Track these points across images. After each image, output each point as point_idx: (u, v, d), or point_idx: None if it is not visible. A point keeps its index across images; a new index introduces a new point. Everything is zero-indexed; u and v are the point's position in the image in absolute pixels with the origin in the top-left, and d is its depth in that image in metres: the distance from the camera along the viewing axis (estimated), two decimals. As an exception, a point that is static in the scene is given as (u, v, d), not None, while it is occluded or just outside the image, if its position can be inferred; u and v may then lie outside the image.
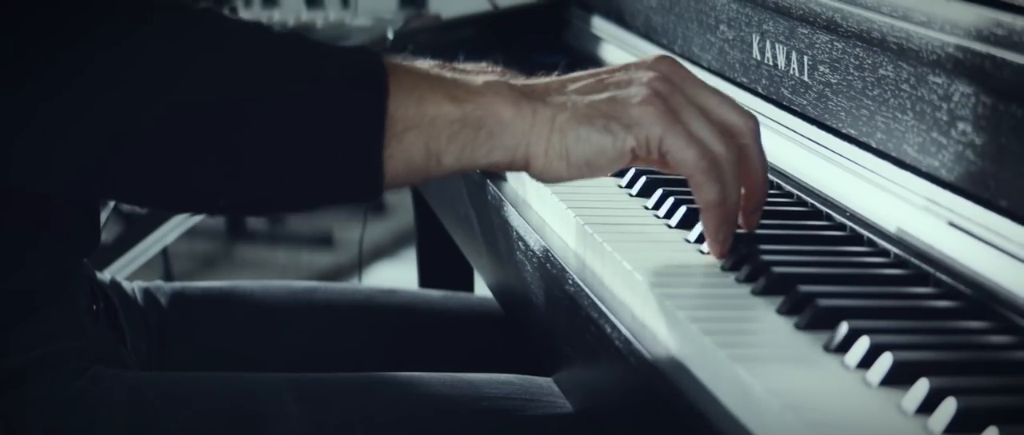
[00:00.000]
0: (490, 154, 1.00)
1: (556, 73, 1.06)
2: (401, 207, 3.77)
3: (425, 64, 1.03)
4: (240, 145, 0.96)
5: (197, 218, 2.28)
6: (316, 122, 0.96)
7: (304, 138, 0.96)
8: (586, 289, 1.03)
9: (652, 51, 1.56)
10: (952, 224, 1.00)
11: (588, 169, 1.00)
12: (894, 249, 1.04)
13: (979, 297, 0.94)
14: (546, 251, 1.11)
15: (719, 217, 1.01)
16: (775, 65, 1.28)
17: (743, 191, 1.03)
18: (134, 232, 2.19)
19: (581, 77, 1.03)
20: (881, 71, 1.10)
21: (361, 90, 0.97)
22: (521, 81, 1.03)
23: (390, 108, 0.97)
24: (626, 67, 1.04)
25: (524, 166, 1.00)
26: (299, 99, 0.97)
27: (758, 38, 1.31)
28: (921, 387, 0.80)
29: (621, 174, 1.24)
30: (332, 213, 3.79)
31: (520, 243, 1.16)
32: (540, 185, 1.17)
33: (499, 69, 1.06)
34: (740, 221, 1.05)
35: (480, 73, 1.03)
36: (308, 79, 0.97)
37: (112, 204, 2.05)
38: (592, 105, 1.00)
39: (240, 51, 0.97)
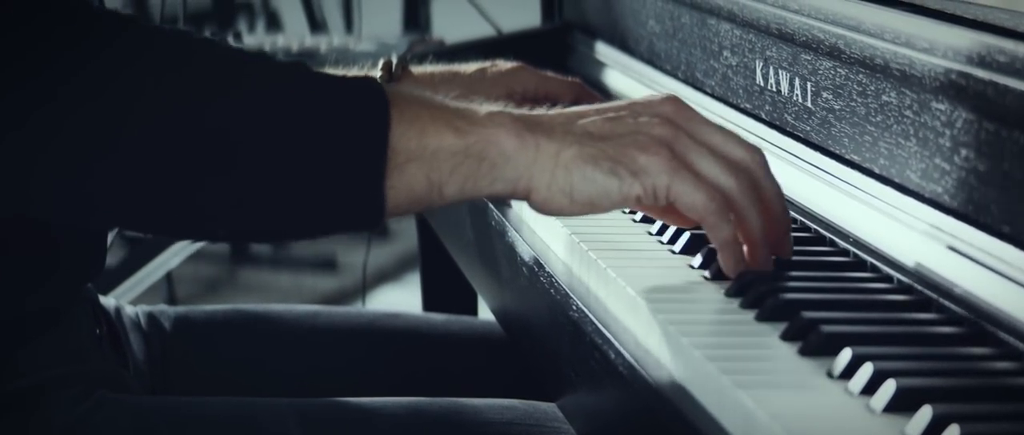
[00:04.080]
0: (492, 185, 1.00)
1: (560, 106, 1.06)
2: (405, 231, 3.77)
3: (428, 92, 1.03)
4: (239, 172, 0.96)
5: (200, 243, 2.28)
6: (318, 153, 0.97)
7: (306, 168, 0.97)
8: (590, 314, 1.03)
9: (655, 77, 1.56)
10: (955, 250, 1.00)
11: (590, 208, 1.01)
12: (897, 275, 1.04)
13: (982, 323, 0.94)
14: (550, 276, 1.11)
15: (737, 254, 1.02)
16: (778, 91, 1.28)
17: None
18: (138, 256, 2.19)
19: (587, 113, 1.04)
20: (884, 97, 1.11)
21: (363, 122, 0.97)
22: (525, 112, 1.03)
23: (392, 140, 0.97)
24: (632, 106, 1.04)
25: (525, 197, 1.01)
26: (300, 129, 0.97)
27: (761, 64, 1.31)
28: (925, 414, 0.80)
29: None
30: (335, 237, 3.78)
31: (523, 268, 1.16)
32: (544, 210, 1.17)
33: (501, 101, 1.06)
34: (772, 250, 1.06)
35: (484, 102, 1.03)
36: (310, 109, 0.97)
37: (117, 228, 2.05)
38: (600, 148, 1.00)
39: (243, 79, 0.97)
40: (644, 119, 1.02)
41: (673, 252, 1.13)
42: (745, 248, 1.03)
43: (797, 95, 1.24)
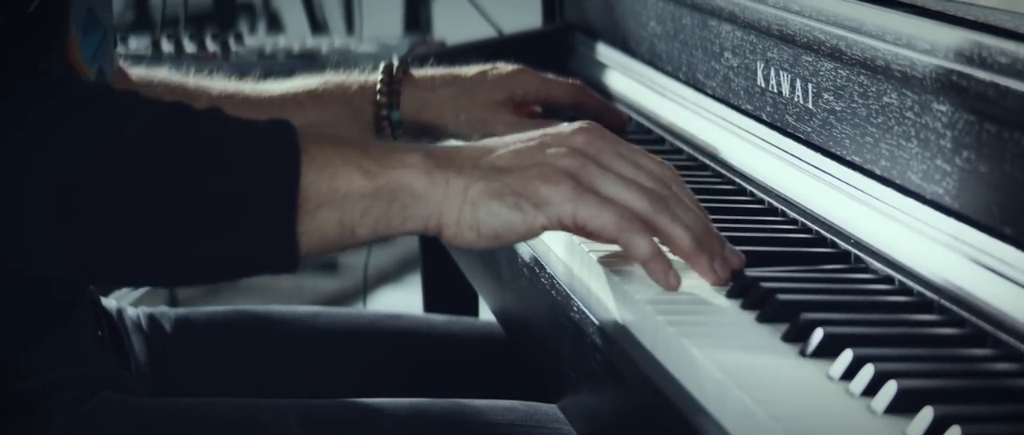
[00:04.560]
0: (404, 224, 1.01)
1: (477, 135, 1.07)
2: (406, 232, 3.76)
3: (341, 131, 1.04)
4: (155, 219, 0.98)
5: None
6: (230, 201, 0.98)
7: (218, 215, 0.98)
8: (591, 316, 1.03)
9: (656, 78, 1.56)
10: (956, 251, 1.00)
11: (497, 241, 1.02)
12: (898, 276, 1.04)
13: (984, 325, 0.94)
14: (551, 277, 1.12)
15: (662, 268, 1.02)
16: (780, 92, 1.28)
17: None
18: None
19: (498, 146, 1.04)
20: (885, 99, 1.11)
21: (274, 170, 0.99)
22: (436, 147, 1.04)
23: (302, 186, 0.99)
24: (543, 138, 1.05)
25: (437, 233, 1.02)
26: (213, 177, 0.98)
27: (763, 65, 1.31)
28: (926, 415, 0.80)
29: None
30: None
31: (524, 269, 1.17)
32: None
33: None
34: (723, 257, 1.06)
35: (400, 140, 1.03)
36: (221, 158, 0.99)
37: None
38: (504, 182, 1.01)
39: (156, 132, 0.99)
40: (552, 150, 1.03)
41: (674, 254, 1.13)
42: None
43: (798, 96, 1.24)
